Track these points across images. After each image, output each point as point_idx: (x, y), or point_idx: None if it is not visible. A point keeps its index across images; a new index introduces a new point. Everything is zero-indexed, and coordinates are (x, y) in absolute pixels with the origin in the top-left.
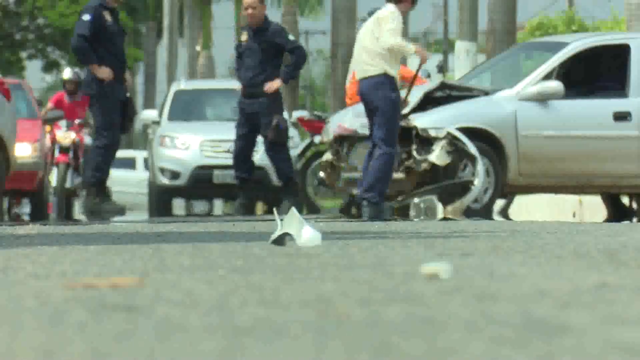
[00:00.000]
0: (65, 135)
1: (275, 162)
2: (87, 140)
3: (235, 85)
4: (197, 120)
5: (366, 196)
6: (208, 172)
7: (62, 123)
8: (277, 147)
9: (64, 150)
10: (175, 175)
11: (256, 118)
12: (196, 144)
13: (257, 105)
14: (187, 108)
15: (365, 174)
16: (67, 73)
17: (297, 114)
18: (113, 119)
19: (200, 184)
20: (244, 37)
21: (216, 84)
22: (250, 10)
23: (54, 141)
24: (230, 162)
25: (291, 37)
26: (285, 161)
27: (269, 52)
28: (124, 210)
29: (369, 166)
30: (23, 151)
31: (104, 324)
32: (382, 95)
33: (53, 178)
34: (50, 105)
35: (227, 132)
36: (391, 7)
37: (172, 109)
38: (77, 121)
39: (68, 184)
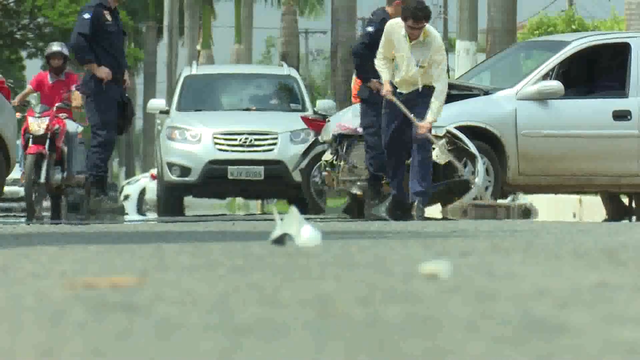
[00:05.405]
0: (38, 123)
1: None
2: (71, 126)
3: (252, 69)
4: (209, 109)
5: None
6: (222, 168)
7: (36, 109)
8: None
9: (37, 140)
10: (185, 171)
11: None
12: (209, 137)
13: None
14: (199, 96)
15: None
16: (54, 46)
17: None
18: (108, 117)
19: (214, 181)
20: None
21: (231, 69)
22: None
23: (26, 131)
24: (246, 156)
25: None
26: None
27: None
28: (123, 209)
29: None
30: None
31: (104, 324)
32: None
33: (27, 172)
34: (29, 87)
35: (243, 123)
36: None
37: (182, 97)
38: (55, 106)
39: (43, 179)
